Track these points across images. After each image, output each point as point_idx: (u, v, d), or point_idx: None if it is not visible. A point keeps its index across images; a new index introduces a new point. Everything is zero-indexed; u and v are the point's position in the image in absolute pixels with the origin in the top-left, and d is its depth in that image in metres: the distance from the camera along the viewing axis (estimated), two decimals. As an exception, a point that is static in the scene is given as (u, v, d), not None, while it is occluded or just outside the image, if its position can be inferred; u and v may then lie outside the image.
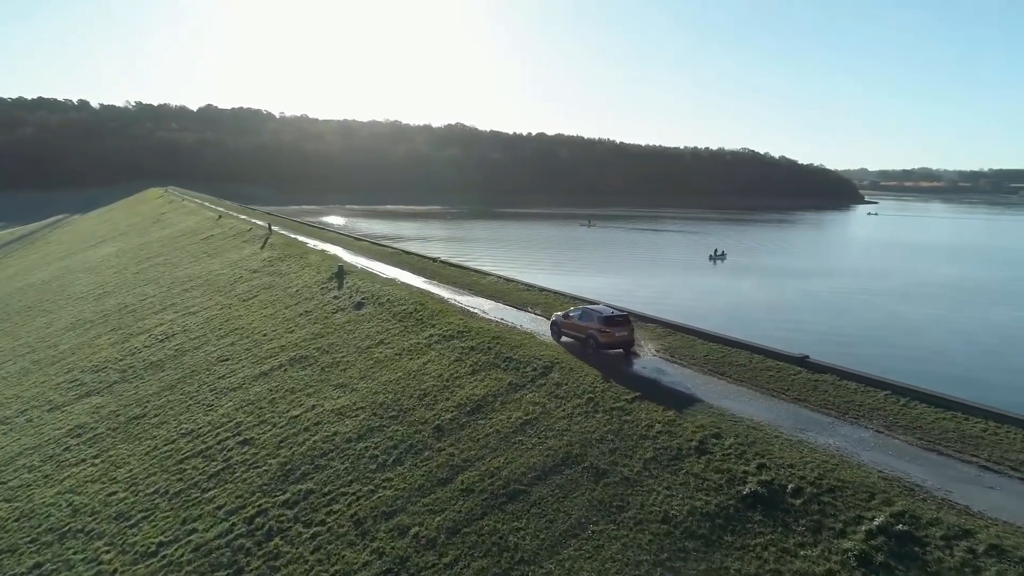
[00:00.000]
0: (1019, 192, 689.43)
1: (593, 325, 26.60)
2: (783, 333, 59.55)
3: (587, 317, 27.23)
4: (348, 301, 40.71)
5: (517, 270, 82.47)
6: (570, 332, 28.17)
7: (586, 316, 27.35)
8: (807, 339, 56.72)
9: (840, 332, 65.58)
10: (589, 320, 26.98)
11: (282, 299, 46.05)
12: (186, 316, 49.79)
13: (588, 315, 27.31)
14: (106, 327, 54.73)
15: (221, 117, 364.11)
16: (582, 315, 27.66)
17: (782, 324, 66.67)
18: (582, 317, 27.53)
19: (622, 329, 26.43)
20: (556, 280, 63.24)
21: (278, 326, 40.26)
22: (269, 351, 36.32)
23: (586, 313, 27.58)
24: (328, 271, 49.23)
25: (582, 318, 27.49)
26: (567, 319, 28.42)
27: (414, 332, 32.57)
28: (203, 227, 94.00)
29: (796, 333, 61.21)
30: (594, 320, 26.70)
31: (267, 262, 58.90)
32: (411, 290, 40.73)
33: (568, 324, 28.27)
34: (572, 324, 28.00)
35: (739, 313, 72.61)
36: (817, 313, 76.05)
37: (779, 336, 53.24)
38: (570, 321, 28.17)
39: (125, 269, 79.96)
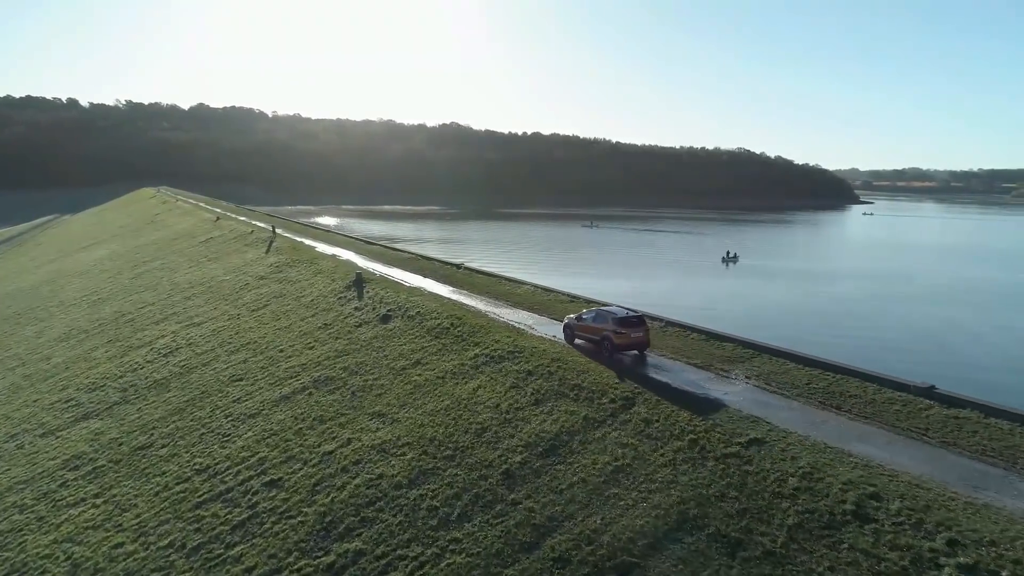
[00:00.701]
0: (1011, 192, 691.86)
1: (608, 327, 26.13)
2: (843, 344, 56.44)
3: (601, 319, 26.77)
4: (372, 313, 37.12)
5: (534, 273, 78.84)
6: (584, 335, 27.61)
7: (600, 318, 26.89)
8: (878, 354, 53.76)
9: (907, 346, 61.43)
10: (603, 322, 26.50)
11: (296, 310, 42.40)
12: (190, 327, 46.05)
13: (602, 317, 26.84)
14: (102, 338, 50.91)
15: (213, 116, 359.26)
16: (596, 317, 27.17)
17: (837, 334, 63.04)
18: (596, 319, 27.05)
19: (637, 330, 26.05)
20: (577, 285, 59.47)
21: (295, 341, 36.61)
22: (288, 370, 32.69)
23: (600, 315, 27.11)
24: (344, 278, 45.61)
25: (596, 320, 27.01)
26: (580, 321, 27.89)
27: (455, 351, 29.03)
28: (201, 229, 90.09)
29: (864, 348, 57.68)
30: (609, 322, 26.25)
31: (275, 268, 55.19)
32: (441, 301, 37.15)
33: (582, 327, 27.74)
34: (586, 326, 27.47)
35: (781, 321, 68.69)
36: (866, 321, 72.00)
37: (843, 349, 49.97)
38: (584, 323, 27.65)
39: (120, 274, 76.01)
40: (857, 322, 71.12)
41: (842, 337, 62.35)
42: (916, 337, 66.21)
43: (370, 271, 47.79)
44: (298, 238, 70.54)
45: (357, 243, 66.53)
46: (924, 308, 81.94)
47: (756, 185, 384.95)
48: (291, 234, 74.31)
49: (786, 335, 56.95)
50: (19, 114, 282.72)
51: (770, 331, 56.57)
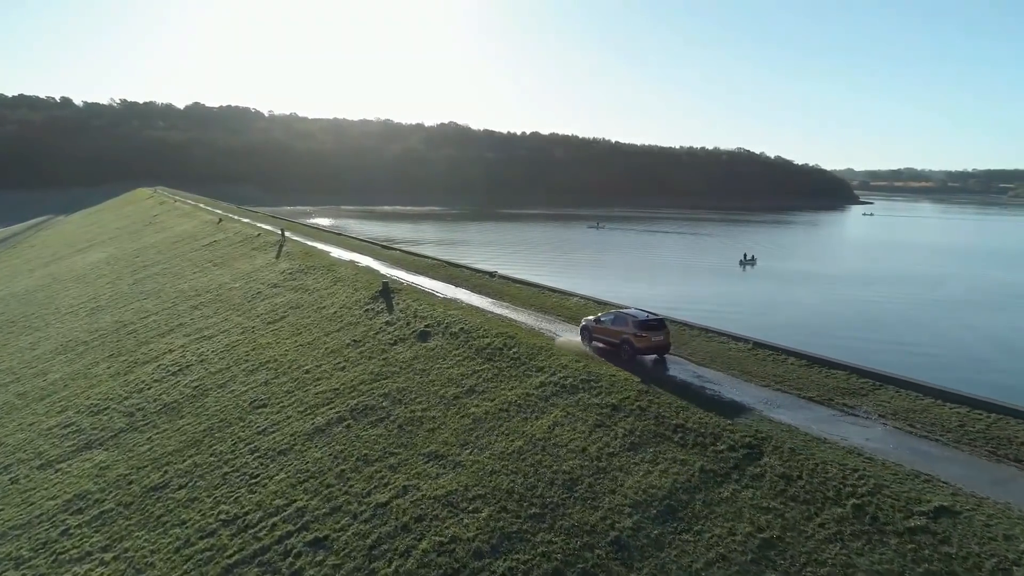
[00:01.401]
0: (1008, 192, 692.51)
1: (628, 330, 25.68)
2: (931, 362, 53.07)
3: (620, 322, 26.29)
4: (407, 329, 33.42)
5: (553, 277, 75.02)
6: (602, 337, 27.10)
7: (619, 320, 26.38)
8: (983, 375, 50.59)
9: (1005, 364, 57.59)
10: (623, 325, 26.04)
11: (318, 323, 38.65)
12: (200, 341, 42.25)
13: (621, 319, 26.33)
14: (103, 351, 47.06)
15: (209, 115, 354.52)
16: (615, 319, 26.65)
17: (917, 351, 58.75)
18: (615, 322, 26.54)
19: (658, 333, 25.63)
20: (606, 291, 55.24)
21: (323, 360, 32.89)
22: (319, 396, 28.96)
23: (619, 317, 26.57)
24: (368, 288, 41.89)
25: (615, 323, 26.51)
26: (599, 324, 27.38)
27: (516, 377, 25.38)
28: (203, 231, 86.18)
29: (956, 366, 54.38)
30: (628, 325, 25.79)
31: (288, 275, 51.41)
32: (485, 315, 33.48)
33: (600, 329, 27.25)
34: (604, 329, 26.98)
35: (843, 334, 64.12)
36: (934, 332, 67.97)
37: (936, 369, 46.67)
38: (602, 326, 27.15)
39: (119, 279, 72.06)
40: (926, 334, 66.57)
41: (924, 354, 57.83)
42: (1005, 350, 62.44)
43: (395, 279, 44.06)
44: (308, 242, 66.71)
45: (374, 247, 62.71)
46: (983, 315, 78.08)
47: (756, 185, 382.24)
48: (300, 237, 70.49)
49: (857, 349, 53.73)
50: (11, 113, 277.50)
51: (837, 346, 52.94)
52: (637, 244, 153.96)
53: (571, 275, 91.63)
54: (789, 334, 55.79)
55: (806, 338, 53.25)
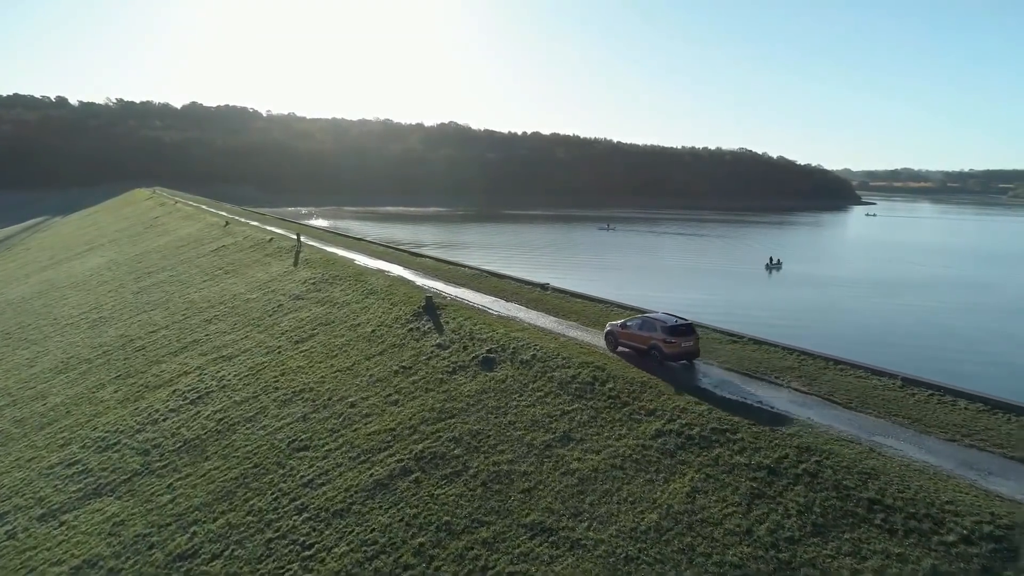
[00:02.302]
0: (1008, 192, 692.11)
1: (656, 335, 25.15)
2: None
3: (648, 327, 25.72)
4: (465, 354, 28.98)
5: (593, 284, 70.85)
6: (629, 343, 26.49)
7: (647, 326, 25.80)
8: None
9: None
10: (651, 330, 25.51)
11: (355, 343, 34.18)
12: (219, 362, 37.74)
13: (649, 324, 25.76)
14: (108, 371, 42.50)
15: (206, 115, 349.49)
16: (642, 324, 26.06)
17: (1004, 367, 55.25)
18: (642, 327, 25.97)
19: (688, 339, 25.00)
20: (642, 297, 50.77)
21: (368, 391, 28.42)
22: (373, 438, 24.51)
23: (647, 322, 25.97)
24: (406, 301, 37.45)
25: (642, 328, 25.94)
26: (624, 329, 26.69)
27: (621, 423, 20.99)
28: (209, 235, 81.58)
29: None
30: (657, 330, 25.23)
31: (311, 285, 46.93)
32: (557, 339, 29.04)
33: (627, 334, 26.55)
34: (631, 334, 26.33)
35: (929, 350, 59.41)
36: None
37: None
38: (628, 331, 26.47)
39: (122, 287, 67.44)
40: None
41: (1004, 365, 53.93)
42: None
43: (435, 291, 39.61)
44: (326, 247, 62.18)
45: (400, 254, 58.13)
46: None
47: (758, 186, 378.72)
48: (316, 241, 65.92)
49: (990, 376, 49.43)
50: (6, 112, 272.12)
51: (958, 372, 48.56)
52: (656, 247, 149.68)
53: (613, 282, 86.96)
54: (886, 353, 51.56)
55: (912, 359, 48.93)
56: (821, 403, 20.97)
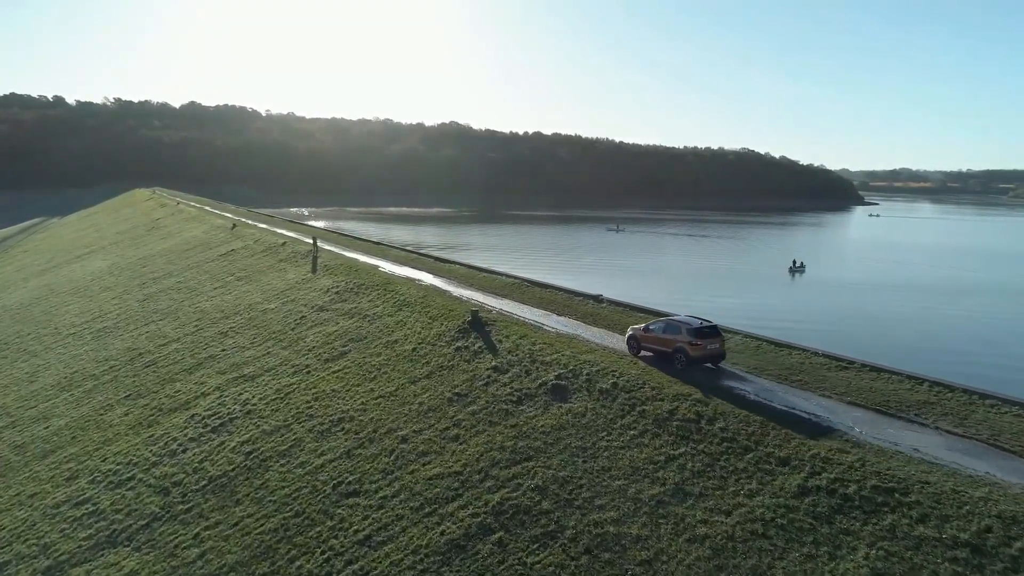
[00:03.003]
0: (1009, 192, 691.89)
1: (681, 338, 24.76)
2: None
3: (672, 330, 25.30)
4: (529, 380, 25.46)
5: (630, 292, 67.43)
6: (652, 346, 26.06)
7: (671, 328, 25.41)
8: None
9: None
10: (675, 333, 25.09)
11: (395, 364, 30.63)
12: (240, 382, 34.18)
13: (674, 327, 25.35)
14: (117, 390, 38.92)
15: (205, 115, 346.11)
16: (666, 328, 25.65)
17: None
18: (666, 330, 25.55)
19: (713, 341, 24.65)
20: (678, 303, 47.40)
21: (421, 422, 24.89)
22: (435, 484, 20.99)
23: (671, 325, 25.60)
24: (447, 315, 33.95)
25: (666, 331, 25.52)
26: (647, 332, 26.29)
27: (747, 474, 17.52)
28: (216, 238, 77.97)
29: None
30: (682, 333, 24.84)
31: (335, 294, 43.36)
32: (639, 365, 25.50)
33: (650, 338, 26.14)
34: (654, 338, 25.93)
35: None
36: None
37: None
38: (651, 335, 26.10)
39: (126, 293, 63.81)
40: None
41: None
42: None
43: (475, 302, 36.09)
44: (344, 251, 58.62)
45: (424, 259, 54.49)
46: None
47: (761, 186, 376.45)
48: (332, 246, 62.31)
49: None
50: (2, 112, 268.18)
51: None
52: (673, 249, 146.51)
53: (655, 288, 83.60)
54: (1004, 375, 47.78)
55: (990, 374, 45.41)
56: (988, 450, 17.49)
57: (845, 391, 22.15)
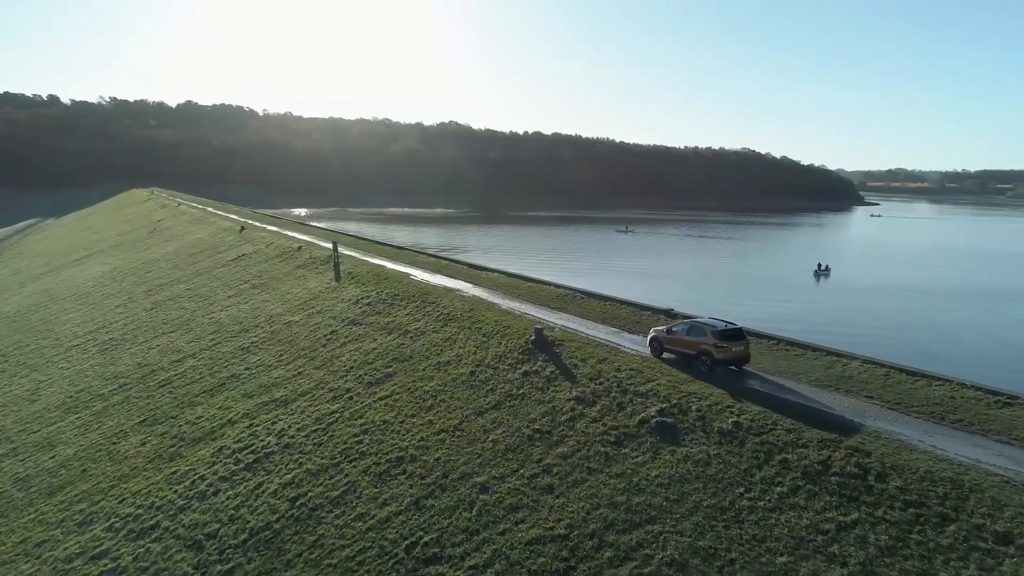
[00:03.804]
0: (1007, 192, 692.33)
1: (706, 340, 24.23)
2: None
3: (697, 332, 24.84)
4: (623, 414, 21.81)
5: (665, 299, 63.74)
6: (675, 349, 25.64)
7: (696, 331, 24.94)
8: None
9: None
10: (700, 335, 24.60)
11: (451, 389, 26.92)
12: (271, 408, 30.40)
13: (698, 330, 24.86)
14: (130, 413, 35.11)
15: (202, 114, 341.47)
16: (690, 330, 25.21)
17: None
18: (690, 332, 25.13)
19: (739, 343, 24.15)
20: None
21: (499, 465, 21.20)
22: (537, 551, 17.29)
23: (695, 328, 25.12)
24: (501, 331, 30.28)
25: (690, 333, 25.10)
26: (670, 334, 25.90)
27: (955, 552, 13.92)
28: (224, 241, 74.12)
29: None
30: (707, 335, 24.29)
31: (367, 306, 39.59)
32: (757, 397, 21.84)
33: (673, 340, 25.73)
34: (678, 340, 25.52)
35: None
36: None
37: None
38: (675, 336, 25.70)
39: (132, 301, 59.92)
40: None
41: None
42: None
43: (535, 318, 32.39)
44: (368, 258, 54.83)
45: (456, 266, 50.57)
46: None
47: (763, 186, 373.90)
48: (351, 251, 58.51)
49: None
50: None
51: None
52: (682, 250, 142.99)
53: (686, 293, 80.00)
54: None
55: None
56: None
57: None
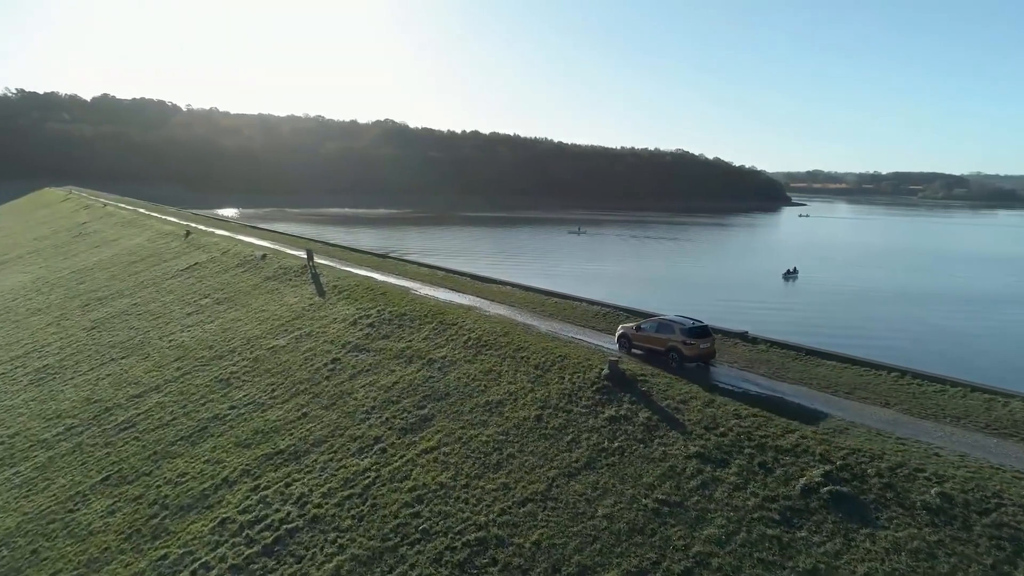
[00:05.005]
0: (918, 193, 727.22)
1: (675, 338, 24.98)
2: None
3: (666, 329, 25.59)
4: (771, 480, 17.30)
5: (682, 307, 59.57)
6: (644, 345, 26.27)
7: (664, 328, 25.68)
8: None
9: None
10: (669, 332, 25.37)
11: (518, 440, 21.81)
12: (280, 464, 24.52)
13: (667, 327, 25.62)
14: (86, 469, 28.50)
15: (120, 108, 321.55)
16: (659, 327, 25.91)
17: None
18: (659, 329, 25.83)
19: (706, 340, 24.96)
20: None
21: (631, 554, 16.30)
22: None
23: (664, 325, 25.84)
24: (552, 361, 25.39)
25: (659, 330, 25.79)
26: (640, 332, 26.45)
27: None
28: (168, 247, 66.31)
29: None
30: (676, 332, 25.08)
31: (367, 327, 33.88)
32: (957, 456, 17.59)
33: (642, 337, 26.34)
34: (647, 337, 26.15)
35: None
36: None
37: None
38: (644, 334, 26.30)
39: (65, 318, 52.00)
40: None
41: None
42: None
43: (592, 346, 27.53)
44: (347, 267, 48.72)
45: (456, 278, 44.99)
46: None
47: (697, 186, 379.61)
48: (324, 259, 52.15)
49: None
50: None
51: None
52: (641, 252, 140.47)
53: (665, 297, 76.09)
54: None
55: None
56: None
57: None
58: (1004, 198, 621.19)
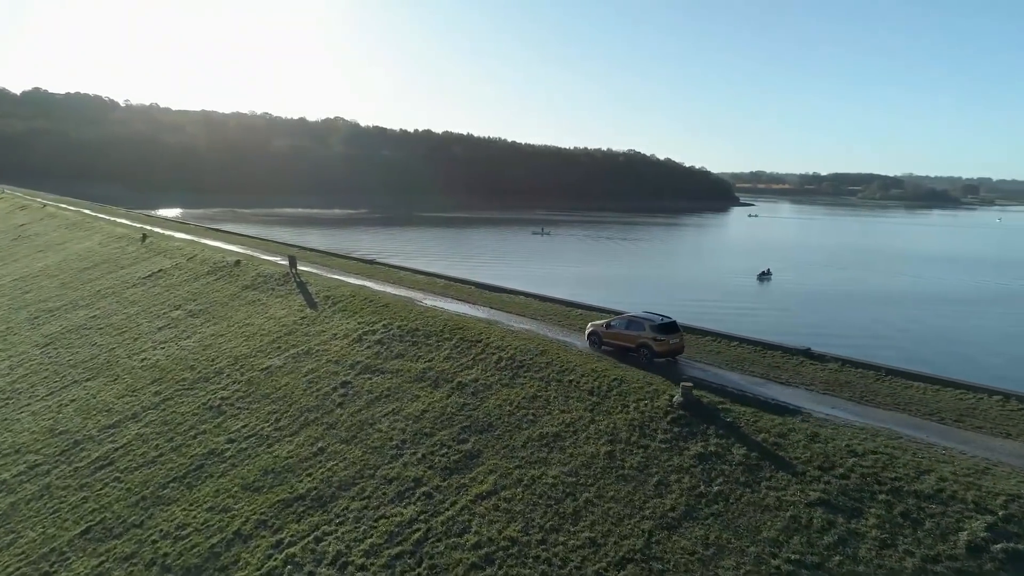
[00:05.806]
0: (858, 194, 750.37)
1: (645, 334, 25.31)
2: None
3: (636, 326, 25.80)
4: (920, 532, 14.88)
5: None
6: (614, 342, 26.49)
7: (634, 325, 25.88)
8: None
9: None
10: (639, 329, 25.60)
11: (592, 483, 18.90)
12: (304, 513, 21.12)
13: (636, 324, 25.82)
14: (61, 519, 24.51)
15: (53, 103, 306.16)
16: (628, 324, 26.11)
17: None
18: (629, 326, 26.02)
19: (675, 336, 25.49)
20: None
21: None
22: None
23: (633, 322, 26.01)
24: (606, 386, 22.62)
25: (629, 327, 25.99)
26: (609, 329, 26.70)
27: None
28: (124, 252, 61.03)
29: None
30: (646, 329, 25.37)
31: (375, 344, 30.43)
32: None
33: (611, 334, 26.58)
34: (617, 334, 26.36)
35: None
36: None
37: None
38: (614, 331, 26.50)
39: (12, 332, 46.86)
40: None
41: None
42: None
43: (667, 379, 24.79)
44: (334, 275, 44.84)
45: (462, 286, 41.55)
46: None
47: (648, 186, 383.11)
48: (306, 265, 48.09)
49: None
50: None
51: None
52: (607, 254, 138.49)
53: (650, 299, 73.70)
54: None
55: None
56: None
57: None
58: (936, 199, 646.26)
